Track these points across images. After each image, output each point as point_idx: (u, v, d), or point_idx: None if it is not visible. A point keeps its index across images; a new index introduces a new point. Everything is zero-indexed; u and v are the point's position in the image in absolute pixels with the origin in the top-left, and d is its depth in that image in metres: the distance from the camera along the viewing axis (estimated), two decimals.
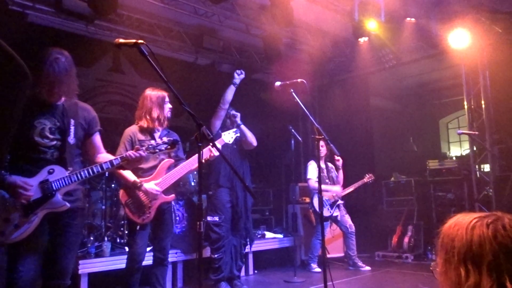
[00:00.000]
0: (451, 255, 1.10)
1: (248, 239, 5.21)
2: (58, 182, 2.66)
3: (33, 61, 5.94)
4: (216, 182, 4.89)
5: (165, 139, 3.21)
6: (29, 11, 5.55)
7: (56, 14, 5.64)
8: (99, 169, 2.82)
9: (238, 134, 4.41)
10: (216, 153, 3.80)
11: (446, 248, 1.13)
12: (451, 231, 1.14)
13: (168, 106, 3.96)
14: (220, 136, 4.31)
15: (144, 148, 3.07)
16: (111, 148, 5.62)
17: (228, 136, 4.27)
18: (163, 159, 3.86)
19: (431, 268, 1.22)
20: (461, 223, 1.13)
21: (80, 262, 4.37)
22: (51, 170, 2.67)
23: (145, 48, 2.26)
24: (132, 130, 3.90)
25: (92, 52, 6.59)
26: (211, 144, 2.61)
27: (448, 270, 1.10)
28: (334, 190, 6.17)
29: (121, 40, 2.34)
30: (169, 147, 3.15)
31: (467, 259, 1.06)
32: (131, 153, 3.01)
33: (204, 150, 3.86)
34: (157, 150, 3.12)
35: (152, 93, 3.95)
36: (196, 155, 3.81)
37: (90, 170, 2.78)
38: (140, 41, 2.29)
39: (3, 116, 1.11)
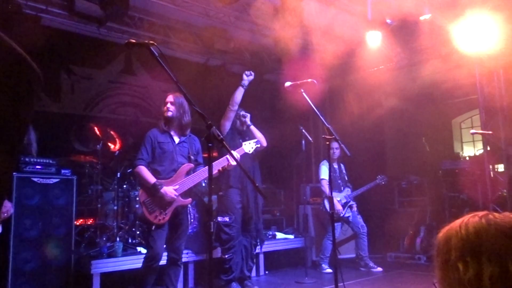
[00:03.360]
0: (448, 256, 1.08)
1: (258, 240, 5.21)
2: None
3: (46, 62, 6.02)
4: (226, 183, 4.90)
5: None
6: (43, 14, 5.62)
7: (69, 17, 5.71)
8: None
9: (259, 145, 4.42)
10: (234, 163, 3.82)
11: (443, 252, 1.11)
12: (445, 235, 1.13)
13: (166, 106, 3.99)
14: (240, 145, 4.33)
15: None
16: (126, 148, 5.69)
17: (249, 146, 4.30)
18: (183, 163, 3.91)
19: (434, 285, 1.21)
20: (454, 225, 1.12)
21: (93, 262, 4.41)
22: None
23: (155, 49, 2.28)
24: (153, 132, 4.01)
25: (104, 54, 6.67)
26: (228, 154, 2.65)
27: (446, 272, 1.08)
28: (338, 199, 6.11)
29: (132, 41, 2.36)
30: None
31: (466, 253, 1.04)
32: None
33: (221, 159, 3.93)
34: None
35: None
36: (215, 161, 3.88)
37: None
38: (150, 42, 2.31)
39: (15, 118, 1.12)
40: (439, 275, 1.12)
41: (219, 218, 4.85)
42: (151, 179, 3.77)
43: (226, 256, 4.80)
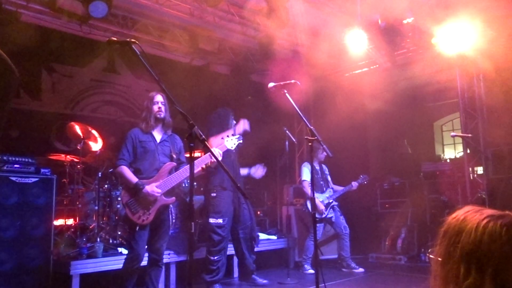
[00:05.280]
0: (454, 248, 1.01)
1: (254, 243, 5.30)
2: None
3: (27, 59, 5.90)
4: (220, 184, 4.89)
5: None
6: (23, 10, 5.52)
7: (50, 14, 5.61)
8: None
9: (241, 141, 4.41)
10: (219, 159, 3.80)
11: (450, 239, 1.04)
12: (459, 224, 1.04)
13: (157, 106, 3.96)
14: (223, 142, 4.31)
15: None
16: (107, 147, 5.62)
17: (231, 142, 4.26)
18: (165, 162, 3.88)
19: (427, 255, 1.16)
20: (472, 218, 1.03)
21: (72, 263, 4.33)
22: None
23: (137, 48, 2.25)
24: (134, 132, 3.96)
25: (87, 52, 6.58)
26: (210, 152, 2.66)
27: (447, 263, 1.02)
28: (321, 199, 6.14)
29: (114, 39, 2.33)
30: None
31: (472, 258, 0.96)
32: None
33: (204, 157, 3.91)
34: None
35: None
36: (199, 159, 3.86)
37: None
38: (132, 40, 2.28)
39: None
40: (439, 256, 1.05)
41: (211, 220, 4.83)
42: (133, 178, 3.74)
43: (215, 257, 4.79)
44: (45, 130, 6.11)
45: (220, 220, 4.80)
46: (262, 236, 6.65)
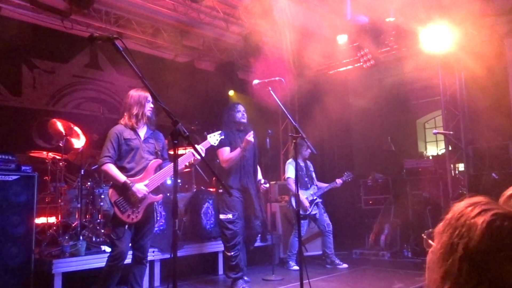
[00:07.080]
0: (458, 243, 0.88)
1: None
2: None
3: (7, 54, 5.78)
4: (225, 182, 4.88)
5: None
6: (2, 4, 5.41)
7: (31, 8, 5.51)
8: None
9: (223, 137, 4.39)
10: (201, 155, 3.78)
11: (454, 230, 0.90)
12: (466, 216, 0.90)
13: (149, 105, 3.92)
14: (206, 138, 4.29)
15: None
16: (90, 144, 5.54)
17: (214, 138, 4.26)
18: (150, 160, 3.85)
19: (423, 235, 1.03)
20: (481, 215, 0.89)
21: (54, 261, 4.28)
22: None
23: (119, 43, 2.22)
24: (118, 129, 3.86)
25: (68, 47, 6.49)
26: (194, 149, 2.65)
27: (447, 257, 0.90)
28: (305, 196, 6.17)
29: (95, 34, 2.29)
30: None
31: (475, 260, 0.85)
32: None
33: (186, 155, 3.89)
34: None
35: (134, 93, 3.96)
36: (182, 157, 3.84)
37: None
38: (114, 36, 2.25)
39: None
40: (440, 245, 0.93)
41: (222, 216, 4.85)
42: (121, 177, 3.68)
43: (232, 253, 4.81)
44: (26, 126, 6.00)
45: (230, 216, 4.81)
46: None
